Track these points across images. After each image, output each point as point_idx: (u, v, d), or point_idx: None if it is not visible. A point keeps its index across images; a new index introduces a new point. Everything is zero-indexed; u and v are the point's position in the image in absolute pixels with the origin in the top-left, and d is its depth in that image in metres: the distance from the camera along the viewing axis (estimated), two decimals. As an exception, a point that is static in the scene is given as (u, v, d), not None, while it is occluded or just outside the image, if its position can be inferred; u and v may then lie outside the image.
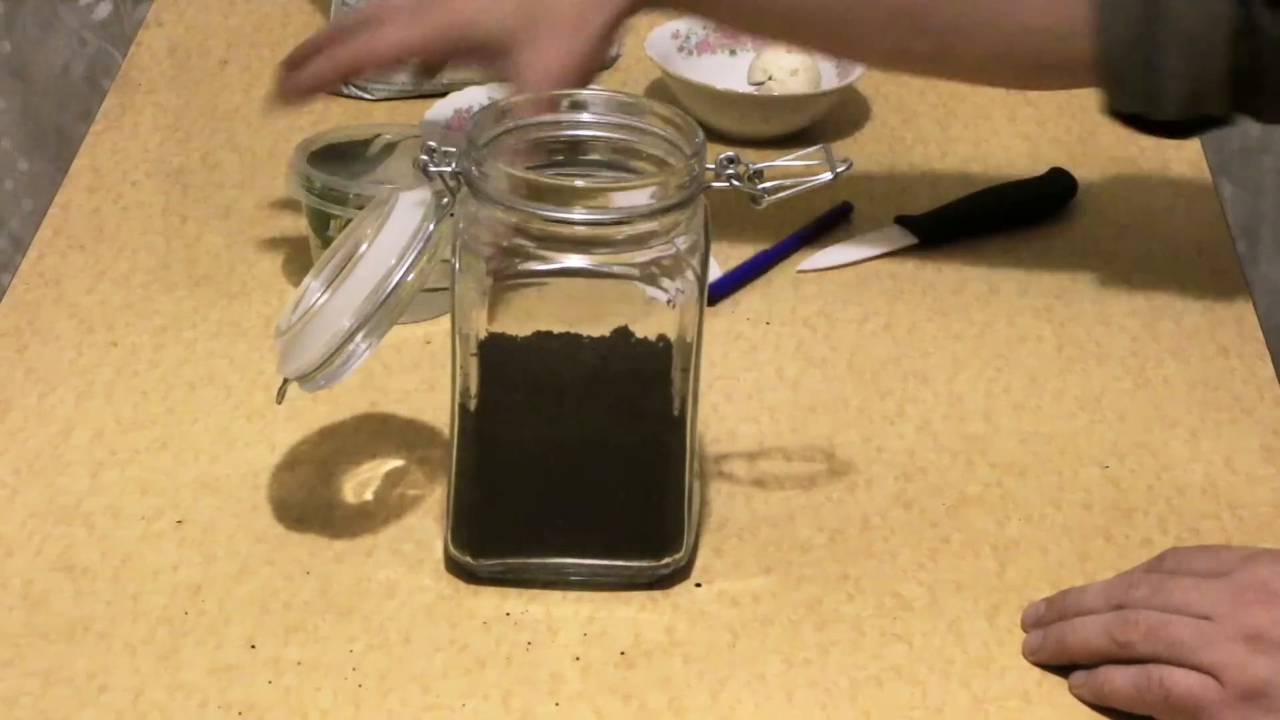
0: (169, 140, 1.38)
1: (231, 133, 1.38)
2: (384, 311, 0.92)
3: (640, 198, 0.90)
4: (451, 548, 0.97)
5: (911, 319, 1.19)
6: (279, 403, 0.96)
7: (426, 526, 1.01)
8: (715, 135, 1.33)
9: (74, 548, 0.99)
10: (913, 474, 1.05)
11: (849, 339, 1.17)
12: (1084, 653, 0.90)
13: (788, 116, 1.37)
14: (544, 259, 0.90)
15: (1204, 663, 0.86)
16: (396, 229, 0.92)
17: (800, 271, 1.23)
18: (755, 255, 1.23)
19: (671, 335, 0.93)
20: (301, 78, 1.16)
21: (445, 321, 0.94)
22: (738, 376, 1.13)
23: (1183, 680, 0.87)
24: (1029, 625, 0.94)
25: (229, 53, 1.49)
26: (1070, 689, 0.90)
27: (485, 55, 1.13)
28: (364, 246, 0.92)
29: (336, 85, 1.31)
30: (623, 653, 0.93)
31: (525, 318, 0.93)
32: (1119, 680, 0.89)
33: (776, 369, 1.14)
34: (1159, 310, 1.20)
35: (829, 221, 1.28)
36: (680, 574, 0.98)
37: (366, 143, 1.22)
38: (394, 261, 0.91)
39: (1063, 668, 0.92)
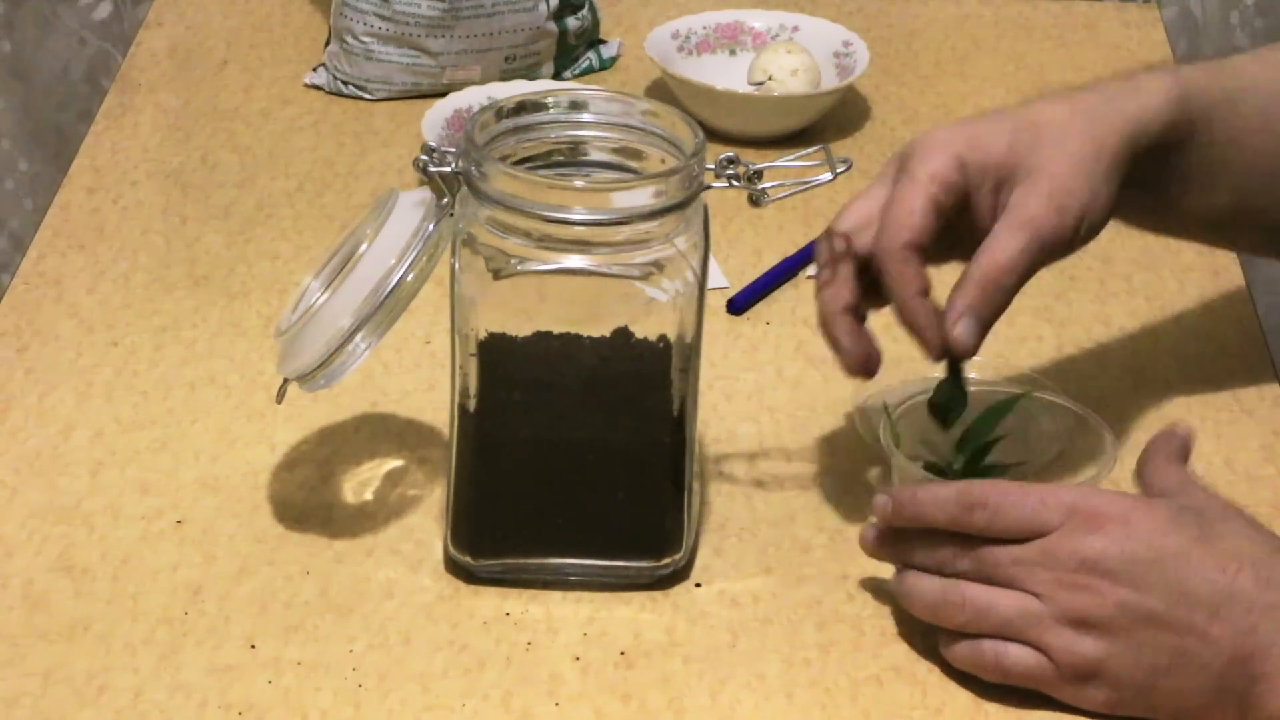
0: (169, 140, 1.38)
1: (231, 133, 1.38)
2: (384, 311, 0.92)
3: (640, 198, 0.90)
4: (451, 548, 0.97)
5: (911, 319, 1.19)
6: (279, 403, 0.96)
7: (426, 526, 1.01)
8: (715, 135, 1.33)
9: (74, 548, 0.99)
10: (913, 474, 1.05)
11: (849, 339, 1.17)
12: (925, 617, 0.91)
13: (788, 116, 1.37)
14: (544, 259, 0.90)
15: (1033, 641, 0.88)
16: (396, 229, 0.92)
17: (810, 277, 1.23)
18: (779, 263, 1.22)
19: (671, 335, 0.93)
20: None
21: (445, 321, 0.94)
22: (738, 376, 1.13)
23: (1018, 657, 0.88)
24: (878, 515, 0.93)
25: (229, 53, 1.49)
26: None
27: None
28: (364, 246, 0.92)
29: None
30: (623, 653, 0.93)
31: (525, 318, 0.93)
32: (960, 652, 0.90)
33: (776, 369, 1.14)
34: (1159, 310, 1.20)
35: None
36: (680, 574, 0.98)
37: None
38: (394, 261, 0.91)
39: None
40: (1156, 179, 0.99)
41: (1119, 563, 0.86)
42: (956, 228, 0.94)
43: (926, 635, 0.94)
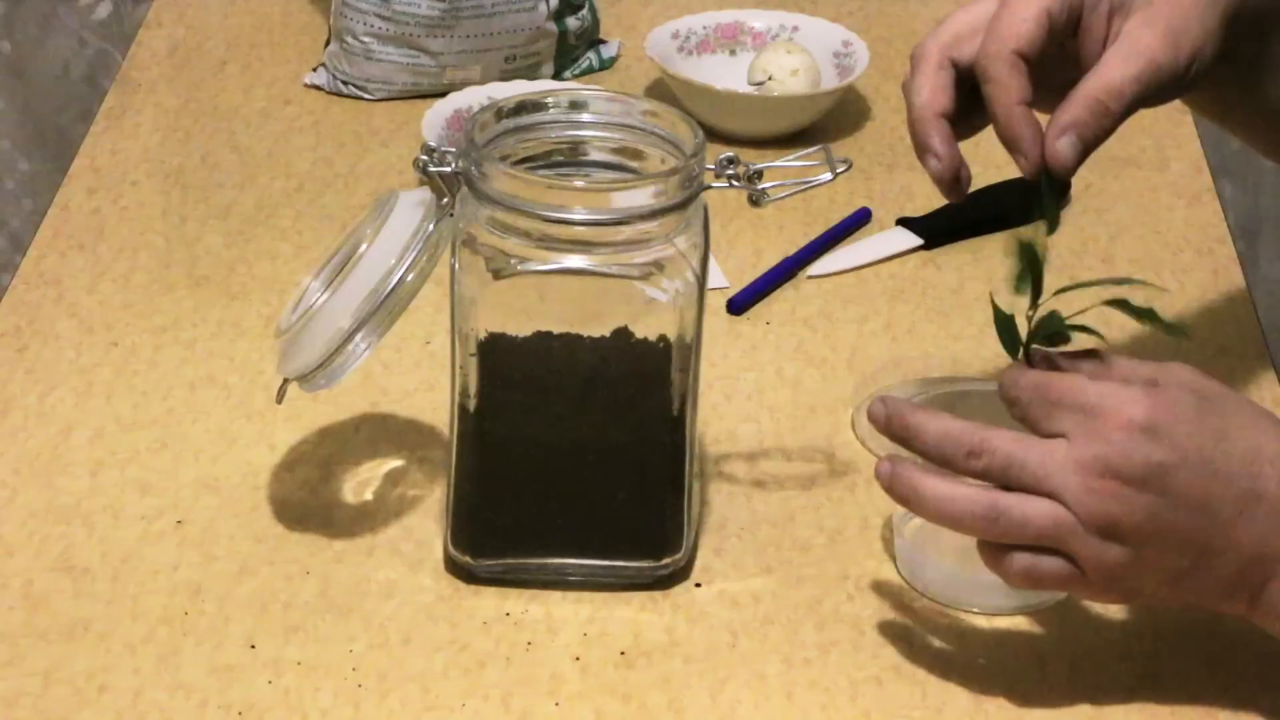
0: (169, 140, 1.38)
1: (231, 133, 1.38)
2: (384, 311, 0.92)
3: (640, 198, 0.90)
4: (451, 548, 0.97)
5: (911, 319, 1.19)
6: (279, 403, 0.96)
7: (426, 526, 1.01)
8: (715, 135, 1.33)
9: (74, 548, 0.99)
10: (913, 474, 1.05)
11: (849, 339, 1.17)
12: (951, 527, 0.88)
13: (788, 116, 1.37)
14: (544, 259, 0.90)
15: (1063, 550, 0.85)
16: (396, 229, 0.92)
17: (810, 277, 1.23)
18: (779, 263, 1.23)
19: (671, 335, 0.93)
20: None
21: (445, 321, 0.94)
22: (738, 376, 1.13)
23: (1049, 568, 0.86)
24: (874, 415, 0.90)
25: (229, 53, 1.49)
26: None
27: None
28: (364, 246, 0.92)
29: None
30: (623, 653, 0.93)
31: (525, 318, 0.93)
32: (995, 562, 0.87)
33: (776, 369, 1.14)
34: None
35: (849, 227, 1.27)
36: (680, 574, 0.98)
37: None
38: (394, 261, 0.91)
39: (1062, 668, 0.92)
40: (1248, 51, 0.96)
41: (1145, 469, 0.84)
42: (1058, 62, 0.91)
43: (926, 635, 0.94)
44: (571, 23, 1.45)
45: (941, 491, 0.86)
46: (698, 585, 0.98)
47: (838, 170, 0.96)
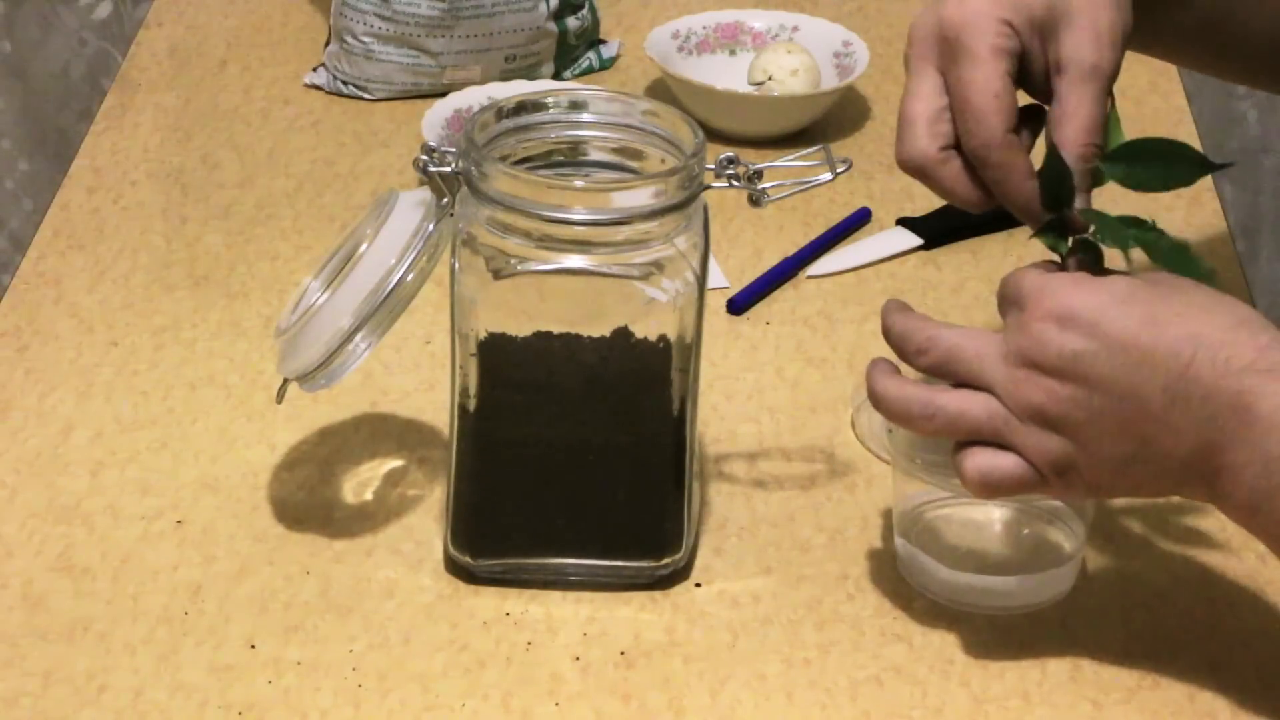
0: (169, 140, 1.38)
1: (231, 133, 1.38)
2: (384, 311, 0.92)
3: (640, 198, 0.90)
4: (451, 548, 0.97)
5: (911, 319, 1.19)
6: (279, 403, 0.96)
7: (426, 526, 1.01)
8: (715, 135, 1.33)
9: (74, 548, 0.99)
10: (913, 474, 1.05)
11: (849, 339, 1.17)
12: (900, 424, 0.90)
13: (788, 116, 1.37)
14: (544, 259, 0.90)
15: (1007, 443, 0.86)
16: (396, 229, 0.92)
17: (810, 277, 1.23)
18: (779, 263, 1.23)
19: (671, 335, 0.93)
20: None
21: (445, 321, 0.94)
22: (738, 376, 1.13)
23: (1004, 467, 0.87)
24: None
25: (229, 53, 1.49)
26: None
27: None
28: (364, 246, 0.92)
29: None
30: (623, 653, 0.93)
31: (525, 318, 0.93)
32: (962, 468, 0.88)
33: (776, 369, 1.14)
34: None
35: (849, 226, 1.27)
36: (680, 574, 0.98)
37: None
38: (394, 261, 0.91)
39: (1062, 668, 0.93)
40: None
41: (1059, 360, 0.84)
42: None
43: (926, 635, 0.94)
44: (571, 23, 1.45)
45: (891, 390, 0.89)
46: (698, 585, 0.98)
47: (838, 170, 0.96)
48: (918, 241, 1.26)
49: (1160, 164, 0.90)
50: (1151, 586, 0.98)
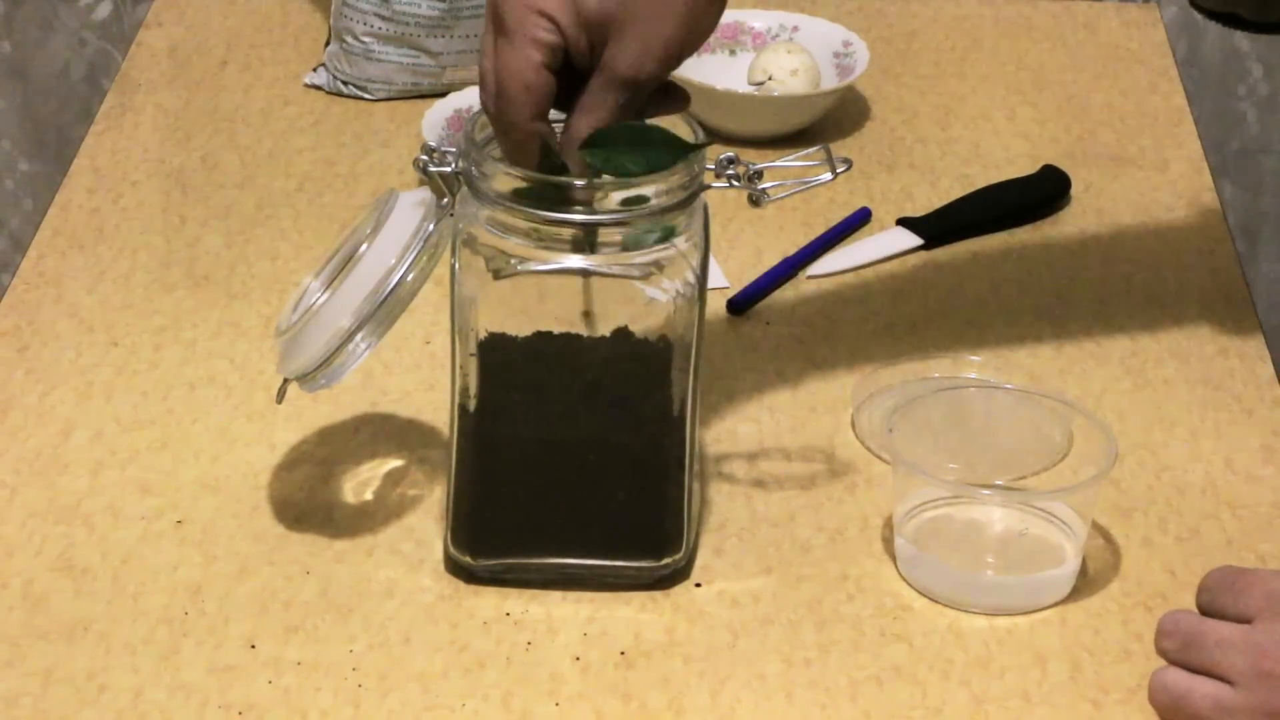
0: (169, 140, 1.38)
1: (231, 133, 1.38)
2: (384, 311, 0.92)
3: (640, 198, 0.90)
4: (451, 548, 0.97)
5: (911, 319, 1.19)
6: (279, 403, 0.96)
7: (426, 526, 1.01)
8: (715, 135, 1.33)
9: (74, 548, 0.99)
10: (913, 474, 1.05)
11: (849, 339, 1.17)
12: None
13: (788, 116, 1.37)
14: (544, 259, 0.90)
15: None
16: (396, 229, 0.92)
17: (810, 277, 1.23)
18: (779, 263, 1.23)
19: (671, 335, 0.93)
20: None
21: (445, 321, 0.94)
22: (738, 376, 1.13)
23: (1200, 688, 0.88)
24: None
25: (229, 53, 1.49)
26: None
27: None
28: (364, 246, 0.92)
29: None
30: (623, 653, 0.93)
31: (525, 318, 0.93)
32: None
33: (776, 369, 1.14)
34: (1159, 310, 1.20)
35: (849, 227, 1.27)
36: (680, 574, 0.98)
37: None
38: (394, 261, 0.91)
39: (1062, 668, 0.92)
40: None
41: None
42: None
43: (926, 635, 0.94)
44: (571, 23, 1.45)
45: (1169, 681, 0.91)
46: (698, 585, 0.98)
47: (838, 170, 0.96)
48: (918, 241, 1.26)
49: (639, 148, 0.91)
50: (1151, 586, 0.98)
